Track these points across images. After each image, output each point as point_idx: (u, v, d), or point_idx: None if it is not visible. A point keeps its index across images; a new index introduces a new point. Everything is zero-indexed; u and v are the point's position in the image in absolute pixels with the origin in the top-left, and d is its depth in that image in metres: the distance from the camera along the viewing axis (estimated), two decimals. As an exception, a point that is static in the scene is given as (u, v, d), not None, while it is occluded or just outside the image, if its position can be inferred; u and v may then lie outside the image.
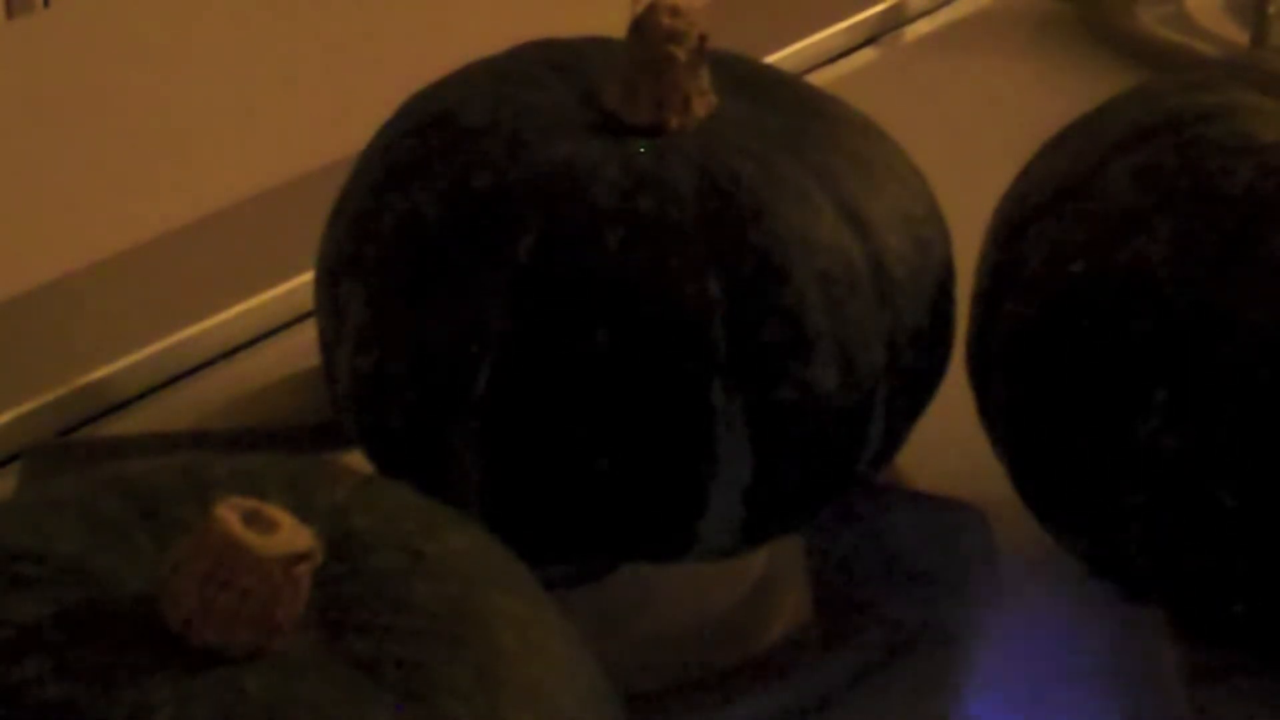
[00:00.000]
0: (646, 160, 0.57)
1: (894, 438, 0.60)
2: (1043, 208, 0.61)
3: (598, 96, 0.59)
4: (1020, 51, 1.01)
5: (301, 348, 0.73)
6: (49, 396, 0.71)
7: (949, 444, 0.63)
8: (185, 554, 0.41)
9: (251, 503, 0.41)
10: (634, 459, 0.55)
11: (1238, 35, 1.02)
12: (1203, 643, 0.60)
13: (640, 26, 0.58)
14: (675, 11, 0.58)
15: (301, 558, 0.41)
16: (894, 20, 1.04)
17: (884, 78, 0.99)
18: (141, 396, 0.73)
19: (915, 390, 0.59)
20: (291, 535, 0.41)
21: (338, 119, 0.80)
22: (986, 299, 0.62)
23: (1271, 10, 1.00)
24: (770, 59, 0.94)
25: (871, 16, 1.02)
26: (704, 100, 0.59)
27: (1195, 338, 0.56)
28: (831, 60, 1.00)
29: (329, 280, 0.59)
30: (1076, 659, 0.62)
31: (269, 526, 0.41)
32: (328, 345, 0.60)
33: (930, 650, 0.61)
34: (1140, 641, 0.61)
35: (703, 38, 0.58)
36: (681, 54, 0.58)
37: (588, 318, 0.55)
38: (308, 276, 0.62)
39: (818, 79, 0.96)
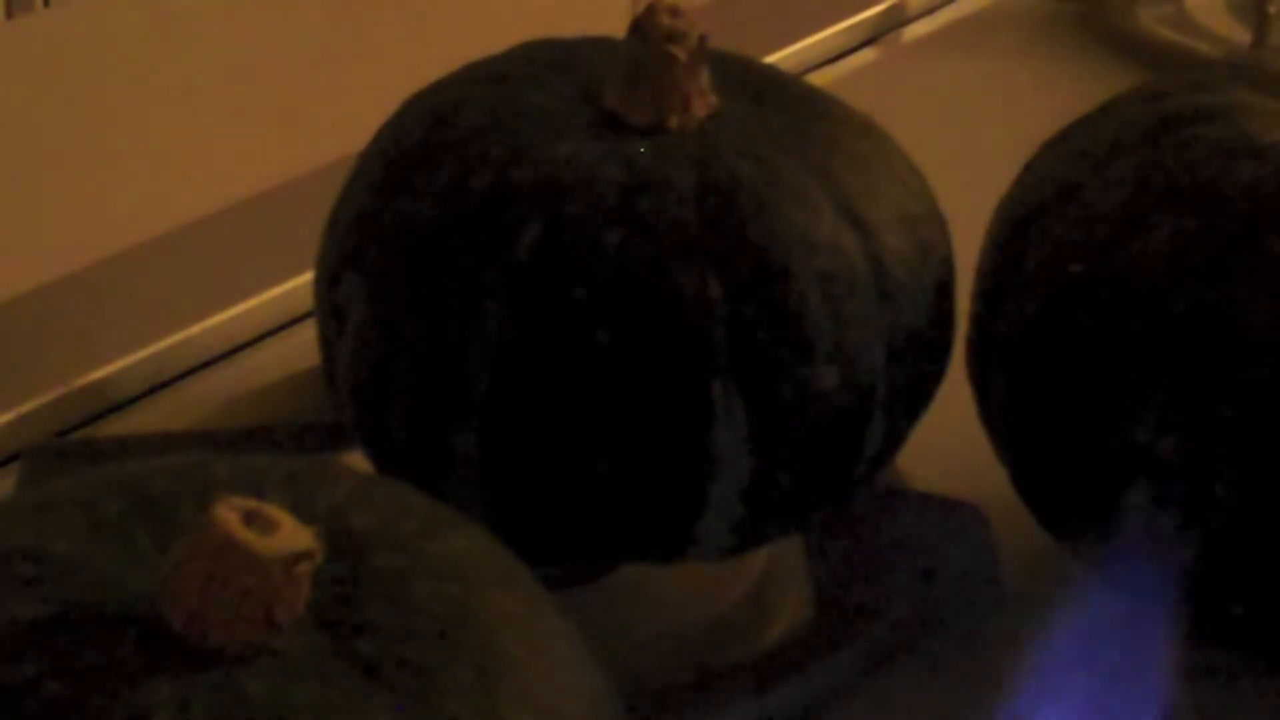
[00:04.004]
0: (646, 160, 0.57)
1: (894, 438, 0.60)
2: (1043, 208, 0.61)
3: (598, 96, 0.59)
4: (1020, 51, 1.01)
5: (301, 348, 0.73)
6: (49, 396, 0.71)
7: (949, 444, 0.63)
8: (185, 554, 0.41)
9: (251, 503, 0.41)
10: (633, 459, 0.55)
11: (1238, 35, 1.02)
12: (1203, 643, 0.60)
13: (640, 26, 0.58)
14: (675, 11, 0.58)
15: (301, 558, 0.41)
16: (894, 20, 1.04)
17: (884, 78, 0.99)
18: (141, 396, 0.73)
19: (915, 390, 0.59)
20: (291, 535, 0.41)
21: (338, 119, 0.80)
22: (986, 299, 0.62)
23: (1272, 10, 1.00)
24: (770, 59, 0.94)
25: (871, 16, 1.02)
26: (704, 100, 0.59)
27: (1195, 338, 0.56)
28: (831, 60, 1.00)
29: (329, 280, 0.59)
30: (1076, 659, 0.62)
31: (269, 526, 0.41)
32: (328, 345, 0.60)
33: (930, 650, 0.61)
34: (1140, 642, 0.61)
35: (703, 38, 0.58)
36: (681, 54, 0.58)
37: (587, 318, 0.55)
38: (308, 276, 0.62)
39: (818, 79, 0.95)
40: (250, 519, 0.41)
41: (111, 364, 0.73)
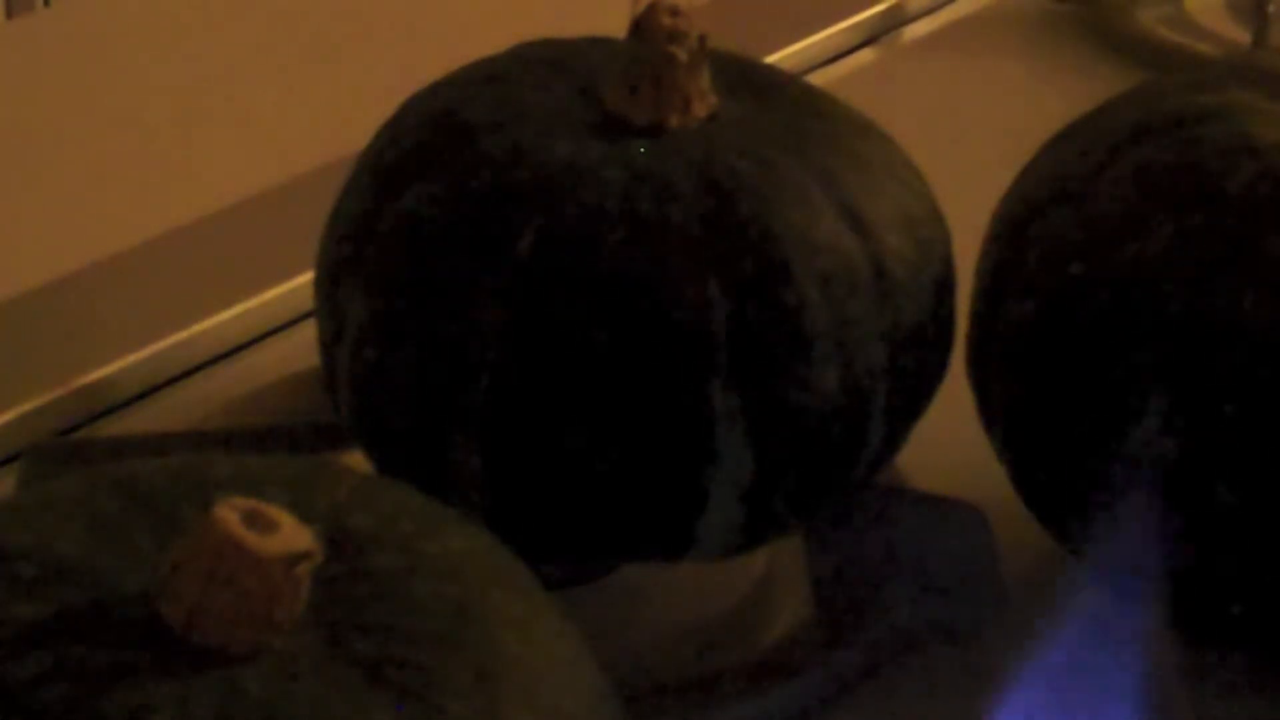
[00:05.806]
0: (646, 160, 0.57)
1: (894, 438, 0.60)
2: (1043, 207, 0.61)
3: (598, 96, 0.59)
4: (1020, 51, 1.01)
5: (301, 348, 0.73)
6: (49, 396, 0.71)
7: (949, 444, 0.63)
8: (185, 554, 0.41)
9: (251, 503, 0.41)
10: (633, 459, 0.55)
11: (1238, 35, 1.02)
12: (1202, 643, 0.60)
13: (640, 26, 0.58)
14: (675, 11, 0.58)
15: (301, 558, 0.41)
16: (894, 20, 1.04)
17: (884, 78, 0.99)
18: (141, 396, 0.73)
19: (915, 390, 0.59)
20: (291, 535, 0.41)
21: (338, 119, 0.80)
22: (986, 299, 0.62)
23: (1272, 10, 1.00)
24: (770, 59, 0.94)
25: (871, 16, 1.02)
26: (704, 100, 0.59)
27: (1195, 339, 0.56)
28: (831, 60, 1.00)
29: (329, 280, 0.59)
30: (1076, 659, 0.62)
31: (269, 526, 0.41)
32: (328, 345, 0.60)
33: (931, 650, 0.61)
34: (1140, 642, 0.61)
35: (703, 38, 0.58)
36: (681, 54, 0.58)
37: (587, 318, 0.55)
38: (308, 276, 0.62)
39: (818, 79, 0.95)
40: (250, 519, 0.41)
41: (111, 364, 0.73)
